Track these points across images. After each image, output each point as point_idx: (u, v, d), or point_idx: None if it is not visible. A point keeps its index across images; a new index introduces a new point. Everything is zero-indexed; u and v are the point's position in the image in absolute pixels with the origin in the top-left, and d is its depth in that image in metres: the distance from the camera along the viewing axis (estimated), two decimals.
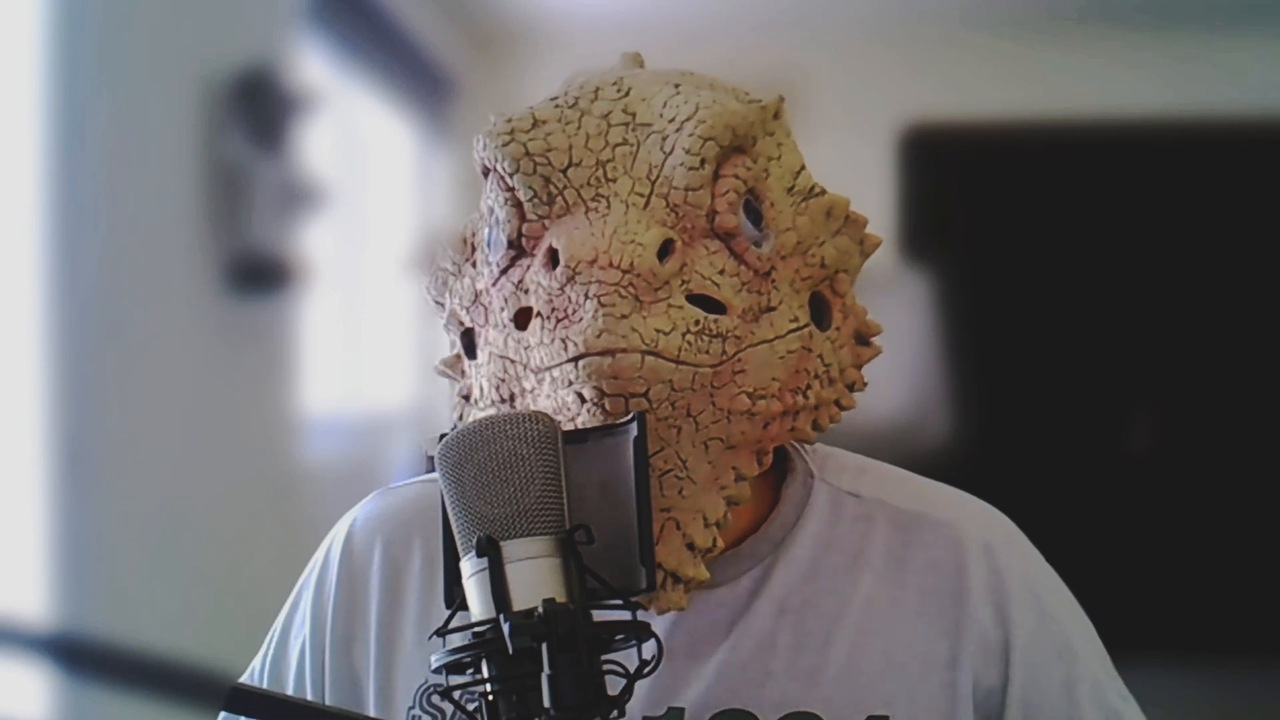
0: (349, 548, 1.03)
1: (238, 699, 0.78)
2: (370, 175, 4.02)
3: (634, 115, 0.91)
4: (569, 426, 0.87)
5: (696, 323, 0.86)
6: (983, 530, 1.00)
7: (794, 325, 0.91)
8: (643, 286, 0.85)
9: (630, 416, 0.84)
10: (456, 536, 0.81)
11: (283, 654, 1.05)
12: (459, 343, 0.97)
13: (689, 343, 0.86)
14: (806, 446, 1.01)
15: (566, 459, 0.82)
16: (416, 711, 0.97)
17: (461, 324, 0.96)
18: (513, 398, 0.91)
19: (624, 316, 0.84)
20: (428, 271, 0.99)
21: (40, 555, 2.14)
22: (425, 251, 1.00)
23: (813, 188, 0.95)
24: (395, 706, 0.98)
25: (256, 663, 1.07)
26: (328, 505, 1.18)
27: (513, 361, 0.90)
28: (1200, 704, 3.43)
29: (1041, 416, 3.94)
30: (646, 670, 0.81)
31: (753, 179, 0.91)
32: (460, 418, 0.97)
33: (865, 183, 1.01)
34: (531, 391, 0.89)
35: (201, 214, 2.63)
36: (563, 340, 0.85)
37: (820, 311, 0.94)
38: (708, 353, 0.86)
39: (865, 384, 0.98)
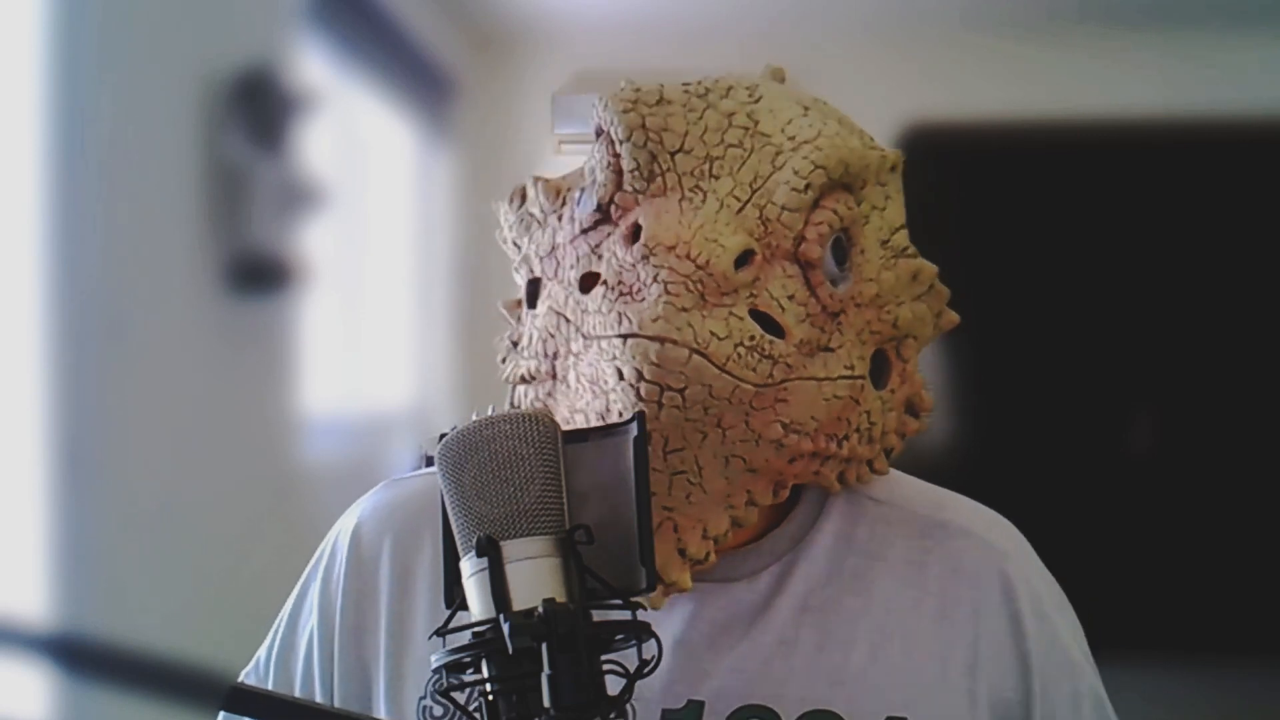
0: (357, 538, 1.03)
1: (238, 699, 0.78)
2: (370, 175, 4.02)
3: (757, 122, 0.91)
4: (602, 399, 0.87)
5: (752, 338, 0.86)
6: (1000, 541, 1.01)
7: (848, 372, 0.91)
8: (711, 287, 0.85)
9: (630, 416, 0.84)
10: (456, 536, 0.82)
11: (290, 645, 1.05)
12: (524, 290, 0.97)
13: (739, 355, 0.86)
14: None
15: (566, 459, 0.83)
16: (427, 702, 0.97)
17: (532, 271, 0.96)
18: (556, 355, 0.92)
19: (684, 310, 0.84)
20: (514, 211, 1.00)
21: (40, 555, 2.14)
22: (516, 191, 1.00)
23: (906, 248, 0.95)
24: (405, 696, 0.98)
25: (261, 653, 1.07)
26: (328, 505, 1.18)
27: (568, 320, 0.90)
28: (1200, 704, 3.43)
29: (1041, 416, 3.94)
30: (646, 670, 0.81)
31: (850, 219, 0.90)
32: (503, 360, 0.98)
33: None
34: (576, 354, 0.90)
35: (201, 214, 2.62)
36: (620, 314, 0.86)
37: (881, 370, 0.94)
38: (755, 370, 0.86)
39: (901, 453, 0.98)
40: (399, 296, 4.25)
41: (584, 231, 0.92)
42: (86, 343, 2.23)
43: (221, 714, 0.94)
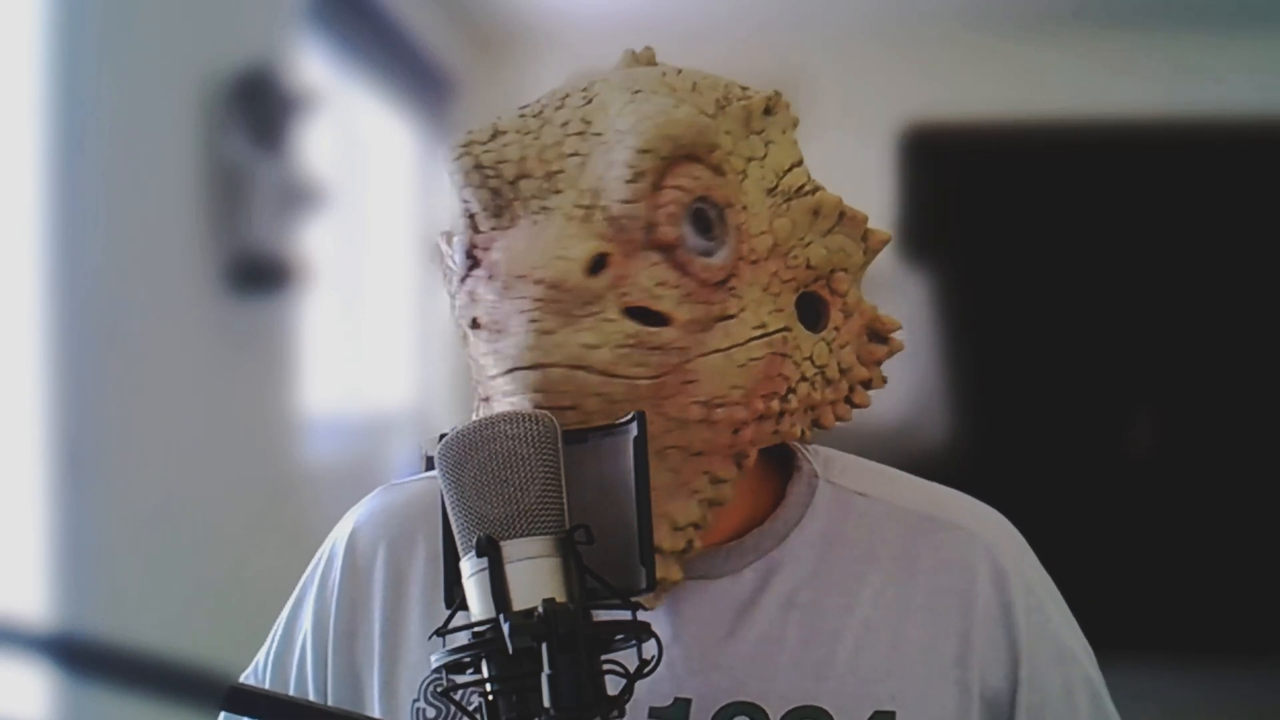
0: (352, 544, 1.03)
1: (238, 699, 0.78)
2: (370, 175, 4.02)
3: (590, 124, 0.89)
4: None
5: (631, 336, 0.85)
6: (990, 534, 1.00)
7: (760, 332, 0.90)
8: (571, 301, 0.84)
9: (630, 416, 0.84)
10: (456, 536, 0.82)
11: (287, 649, 1.05)
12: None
13: (622, 356, 0.85)
14: (812, 448, 1.02)
15: (566, 459, 0.82)
16: (421, 704, 0.97)
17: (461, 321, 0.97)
18: (488, 399, 0.92)
19: (549, 332, 0.84)
20: (439, 267, 1.00)
21: (40, 555, 2.14)
22: (434, 250, 1.00)
23: (801, 187, 0.93)
24: (399, 700, 0.98)
25: (261, 656, 1.07)
26: (328, 505, 1.18)
27: (478, 364, 0.91)
28: (1199, 704, 3.43)
29: (1041, 416, 3.94)
30: (646, 670, 0.81)
31: (703, 188, 0.88)
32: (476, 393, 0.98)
33: (865, 183, 1.01)
34: (489, 398, 0.90)
35: (201, 214, 2.63)
36: (496, 352, 0.86)
37: (816, 312, 0.94)
38: (645, 365, 0.86)
39: (885, 380, 0.97)
40: (399, 296, 4.25)
41: (462, 280, 0.92)
42: (86, 343, 2.23)
43: (223, 714, 0.94)
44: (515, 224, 0.88)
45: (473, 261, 0.90)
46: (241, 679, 1.06)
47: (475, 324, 0.90)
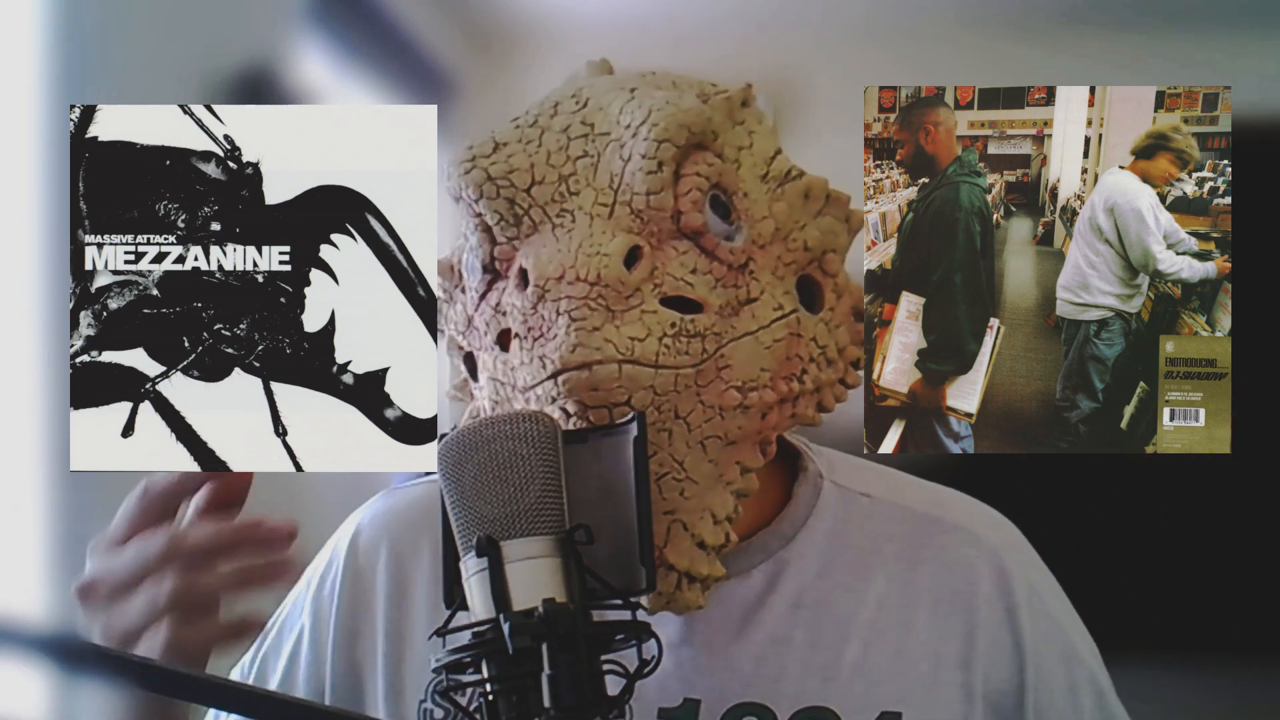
0: (354, 546, 1.04)
1: (237, 698, 0.78)
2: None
3: (592, 126, 0.91)
4: None
5: (673, 325, 0.86)
6: (993, 535, 1.01)
7: (778, 313, 0.91)
8: (613, 296, 0.85)
9: (630, 416, 0.84)
10: (456, 536, 0.82)
11: (274, 650, 1.05)
12: (463, 367, 0.98)
13: (666, 346, 0.86)
14: (815, 449, 1.02)
15: (566, 459, 0.83)
16: (428, 705, 0.98)
17: (461, 349, 0.97)
18: None
19: (596, 329, 0.84)
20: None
21: (40, 555, 2.14)
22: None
23: (789, 171, 0.95)
24: (406, 700, 0.98)
25: (246, 658, 1.07)
26: (328, 505, 1.18)
27: (502, 383, 0.91)
28: (1200, 704, 3.43)
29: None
30: (647, 670, 0.81)
31: (716, 174, 0.90)
32: None
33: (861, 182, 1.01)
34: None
35: None
36: (540, 359, 0.86)
37: (811, 294, 0.95)
38: (687, 353, 0.87)
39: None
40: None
41: (482, 296, 0.92)
42: None
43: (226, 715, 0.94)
44: (536, 230, 0.89)
45: (493, 274, 0.91)
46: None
47: (505, 338, 0.90)
